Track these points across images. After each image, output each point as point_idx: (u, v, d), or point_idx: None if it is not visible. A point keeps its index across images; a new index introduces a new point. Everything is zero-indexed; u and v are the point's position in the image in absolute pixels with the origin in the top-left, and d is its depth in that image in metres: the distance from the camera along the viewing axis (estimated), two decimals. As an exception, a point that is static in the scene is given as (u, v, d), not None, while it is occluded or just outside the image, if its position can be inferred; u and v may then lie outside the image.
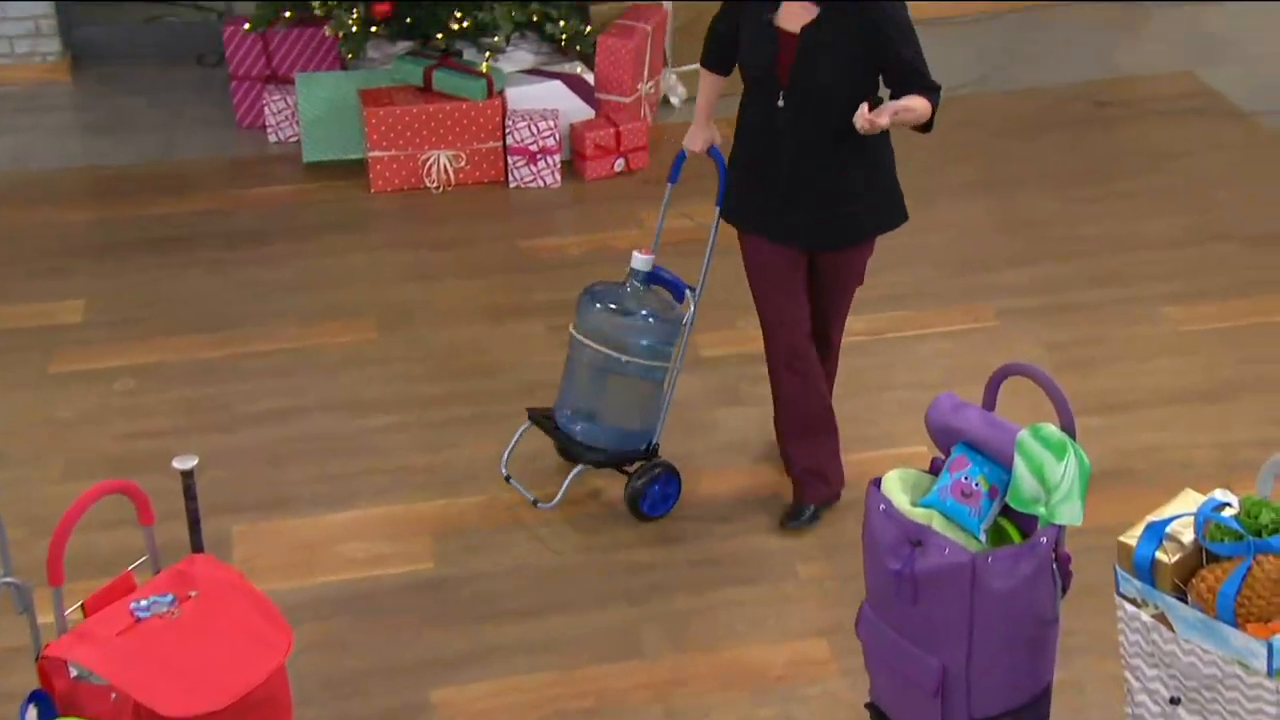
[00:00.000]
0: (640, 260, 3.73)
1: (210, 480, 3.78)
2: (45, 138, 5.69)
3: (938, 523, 2.71)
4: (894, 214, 3.59)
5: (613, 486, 3.91)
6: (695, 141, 3.67)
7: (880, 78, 3.39)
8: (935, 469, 2.84)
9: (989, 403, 2.82)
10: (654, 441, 3.79)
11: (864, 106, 3.18)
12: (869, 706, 3.00)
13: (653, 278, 3.73)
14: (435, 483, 3.95)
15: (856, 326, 4.58)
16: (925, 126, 3.36)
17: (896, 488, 2.79)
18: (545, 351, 4.48)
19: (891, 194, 3.56)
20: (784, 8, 3.34)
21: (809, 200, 3.46)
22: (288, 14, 5.41)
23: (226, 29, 5.68)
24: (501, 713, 3.25)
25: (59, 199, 5.32)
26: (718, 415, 4.20)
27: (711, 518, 3.83)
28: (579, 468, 3.78)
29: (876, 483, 2.82)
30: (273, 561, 3.68)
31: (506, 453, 3.92)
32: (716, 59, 3.60)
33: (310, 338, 4.58)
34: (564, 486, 3.78)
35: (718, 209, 3.68)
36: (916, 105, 3.29)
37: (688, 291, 3.76)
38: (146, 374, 4.39)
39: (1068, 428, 2.65)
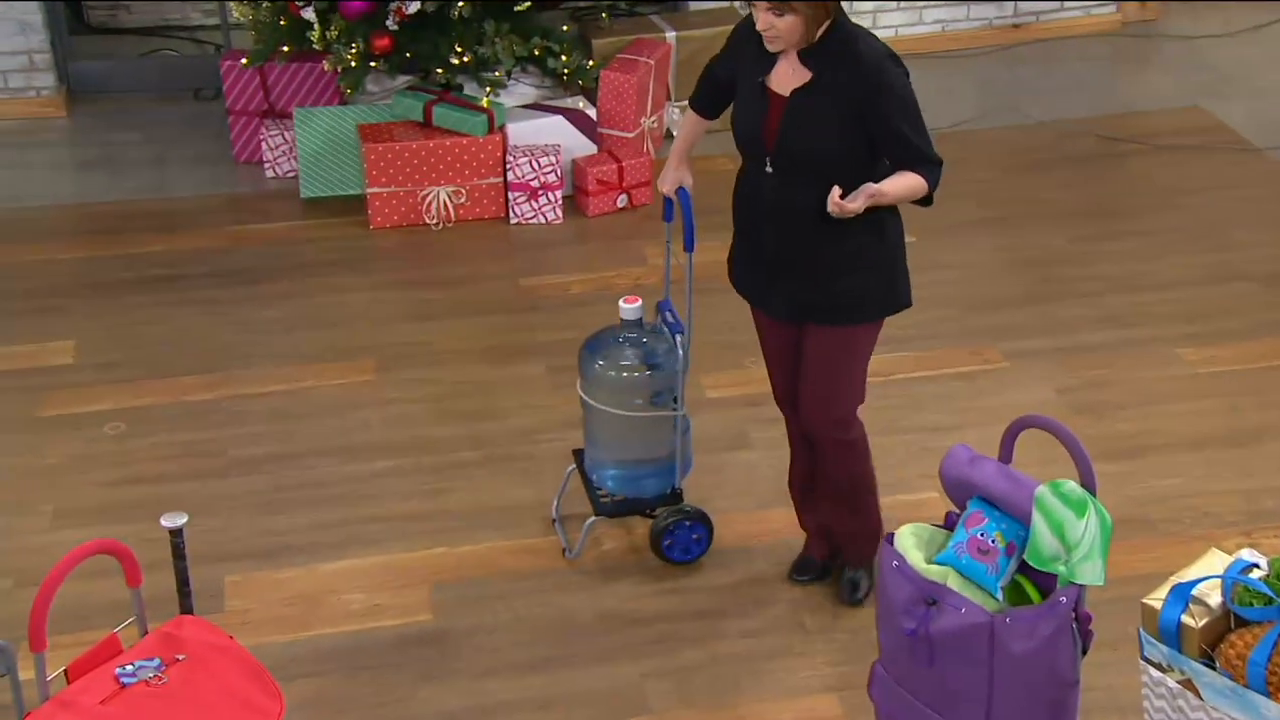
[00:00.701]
0: (628, 310, 3.65)
1: (202, 528, 3.70)
2: (38, 174, 5.63)
3: (953, 580, 2.63)
4: (893, 296, 3.31)
5: (621, 534, 3.83)
6: (664, 182, 3.52)
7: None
8: (950, 523, 2.76)
9: (1005, 455, 2.74)
10: (677, 485, 3.71)
11: (835, 190, 2.97)
12: (882, 769, 2.91)
13: (662, 315, 3.68)
14: (434, 530, 3.86)
15: (864, 368, 4.54)
16: (925, 200, 3.16)
17: (910, 544, 2.70)
18: (547, 393, 4.40)
19: (891, 273, 3.29)
20: (776, 69, 3.14)
21: (795, 271, 3.25)
22: (286, 48, 5.35)
23: (224, 63, 5.62)
24: (501, 773, 3.16)
25: (51, 237, 5.25)
26: (724, 459, 4.12)
27: (716, 565, 3.74)
28: (593, 518, 3.72)
29: (890, 538, 2.73)
30: (266, 614, 3.59)
31: (557, 498, 3.87)
32: (705, 102, 3.48)
33: (306, 379, 4.50)
34: (583, 534, 3.71)
35: (689, 253, 3.58)
36: (896, 188, 3.07)
37: (678, 337, 3.67)
38: (137, 417, 4.30)
39: (1088, 484, 2.57)
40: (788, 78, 3.12)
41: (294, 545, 3.82)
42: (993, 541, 2.61)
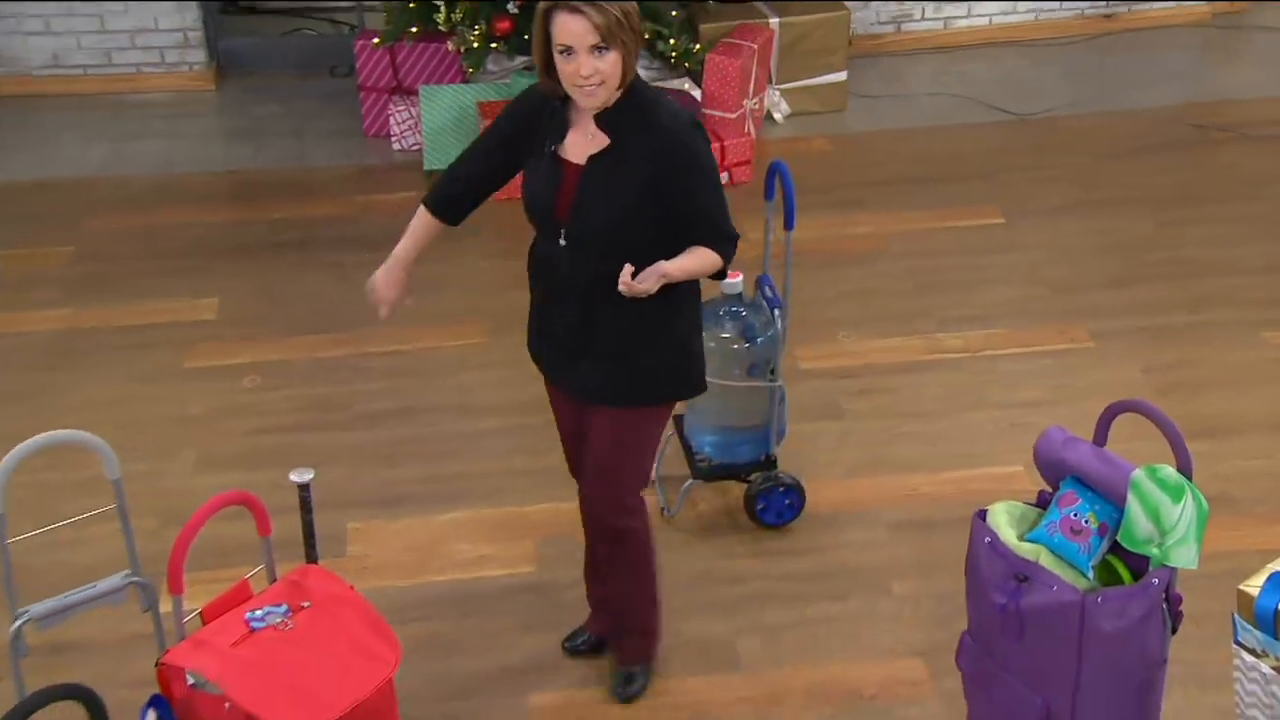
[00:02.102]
0: (729, 284, 3.52)
1: (328, 478, 3.65)
2: (190, 143, 5.63)
3: (1045, 558, 2.47)
4: (686, 379, 2.89)
5: (716, 496, 3.72)
6: (372, 290, 2.84)
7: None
8: (1042, 502, 2.60)
9: (1100, 438, 2.57)
10: (771, 453, 3.58)
11: (627, 269, 2.57)
12: (966, 735, 2.77)
13: (761, 290, 3.54)
14: (539, 487, 3.77)
15: (952, 344, 4.37)
16: (719, 274, 2.77)
17: (1003, 520, 2.55)
18: (649, 360, 4.30)
19: (688, 355, 2.87)
20: (570, 137, 2.67)
21: (588, 349, 2.80)
22: (414, 29, 5.28)
23: (357, 42, 5.56)
24: (600, 720, 3.08)
25: (200, 201, 5.25)
26: (817, 428, 3.97)
27: (806, 530, 3.62)
28: (691, 480, 3.60)
29: (982, 514, 2.58)
30: (383, 559, 3.54)
31: (656, 461, 3.74)
32: (443, 202, 2.84)
33: (424, 340, 4.44)
34: (681, 495, 3.61)
35: (788, 230, 3.41)
36: (688, 267, 2.67)
37: (776, 311, 3.54)
38: (272, 371, 4.28)
39: (1184, 468, 2.39)
40: (583, 145, 2.66)
41: (410, 496, 3.77)
42: (1086, 522, 2.46)
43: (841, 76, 5.77)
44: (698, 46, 5.31)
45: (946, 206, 5.09)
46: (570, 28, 2.49)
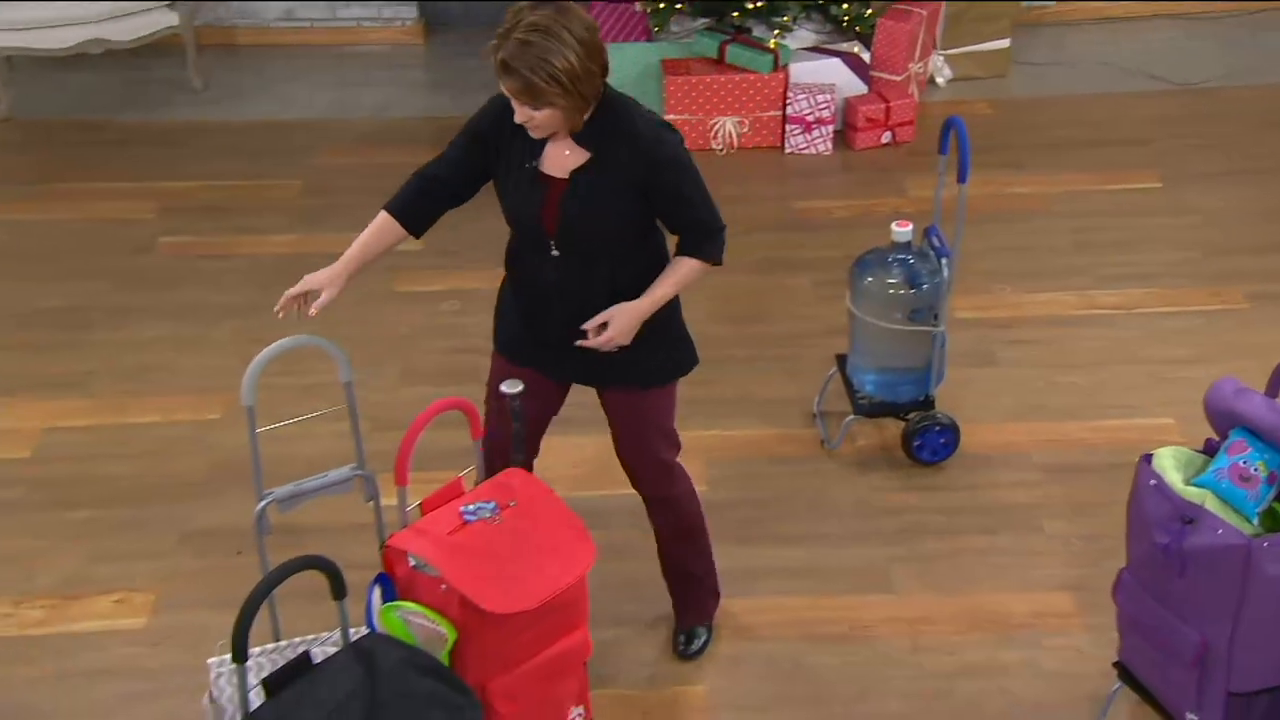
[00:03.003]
0: (899, 232, 3.43)
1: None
2: (401, 91, 5.72)
3: (1210, 503, 2.37)
4: (681, 361, 2.78)
5: (874, 432, 3.67)
6: (307, 283, 2.60)
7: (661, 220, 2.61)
8: (1209, 449, 2.48)
9: (1273, 390, 2.43)
10: (930, 393, 3.51)
11: (594, 322, 2.54)
12: (1117, 665, 2.68)
13: (929, 239, 3.45)
14: (708, 414, 3.76)
15: (1107, 300, 4.21)
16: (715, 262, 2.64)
17: (1169, 464, 2.45)
18: (811, 304, 4.23)
19: (678, 341, 2.76)
20: (548, 152, 2.52)
21: (588, 348, 2.64)
22: (603, -9, 5.27)
23: (550, 3, 5.58)
24: (763, 627, 3.07)
25: (408, 142, 5.31)
26: (970, 374, 3.87)
27: (959, 468, 3.53)
28: (852, 415, 3.55)
29: (1148, 458, 2.48)
30: (561, 472, 3.57)
31: (819, 396, 3.72)
32: (407, 209, 2.64)
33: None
34: (842, 430, 3.57)
35: (962, 184, 3.30)
36: (666, 292, 2.58)
37: (944, 260, 3.44)
38: (468, 298, 4.34)
39: (1360, 423, 2.26)
40: (563, 160, 2.51)
41: (586, 417, 3.73)
42: (1255, 470, 2.34)
43: (1005, 44, 5.56)
44: (869, 11, 5.17)
45: (1106, 170, 4.88)
46: (504, 83, 2.41)
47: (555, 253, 2.57)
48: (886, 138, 5.14)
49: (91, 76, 5.78)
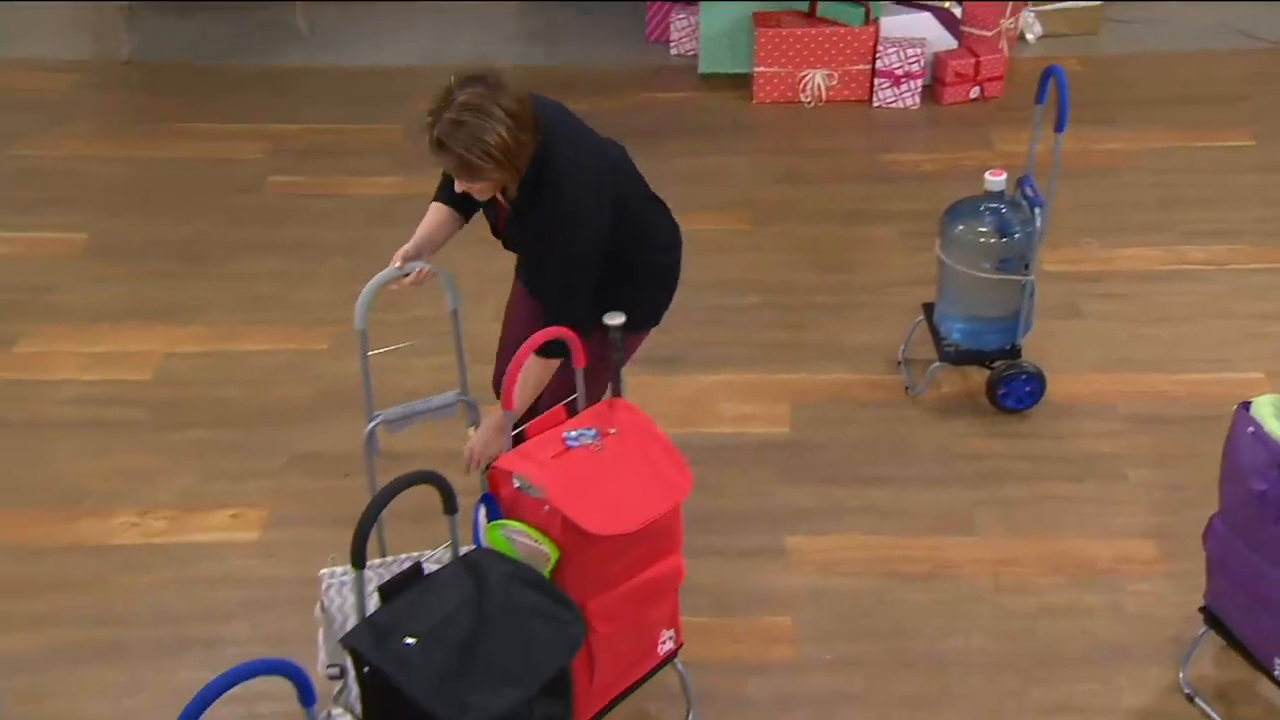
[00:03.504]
0: (992, 181, 3.33)
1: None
2: (496, 42, 5.70)
3: (1310, 452, 2.28)
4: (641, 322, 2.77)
5: (958, 380, 3.60)
6: (404, 254, 2.63)
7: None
8: (1310, 400, 2.40)
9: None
10: (1017, 342, 3.43)
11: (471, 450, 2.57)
12: (1203, 610, 2.61)
13: (1022, 189, 3.35)
14: (794, 358, 3.73)
15: (1195, 255, 4.08)
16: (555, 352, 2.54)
17: (1268, 413, 2.36)
18: (898, 254, 4.16)
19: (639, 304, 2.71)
20: None
21: None
22: (697, -55, 5.17)
23: (644, -43, 5.50)
24: (846, 563, 3.04)
25: (499, 92, 5.34)
26: (1055, 326, 3.78)
27: (1043, 417, 3.46)
28: (937, 362, 3.48)
29: (1246, 405, 2.40)
30: (656, 410, 3.54)
31: (904, 343, 3.67)
32: (451, 199, 2.71)
33: (694, 223, 4.32)
34: (928, 376, 3.51)
35: (1059, 133, 3.19)
36: (523, 401, 2.54)
37: (1037, 210, 3.34)
38: (562, 241, 4.34)
39: None
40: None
41: (679, 358, 3.77)
42: (1358, 420, 2.25)
43: (1096, 1, 5.37)
44: (961, -35, 5.02)
45: (1196, 127, 4.71)
46: (440, 160, 2.39)
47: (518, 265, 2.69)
48: (975, 93, 5.01)
49: (206, 23, 5.84)
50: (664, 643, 2.54)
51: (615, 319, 2.46)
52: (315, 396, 3.61)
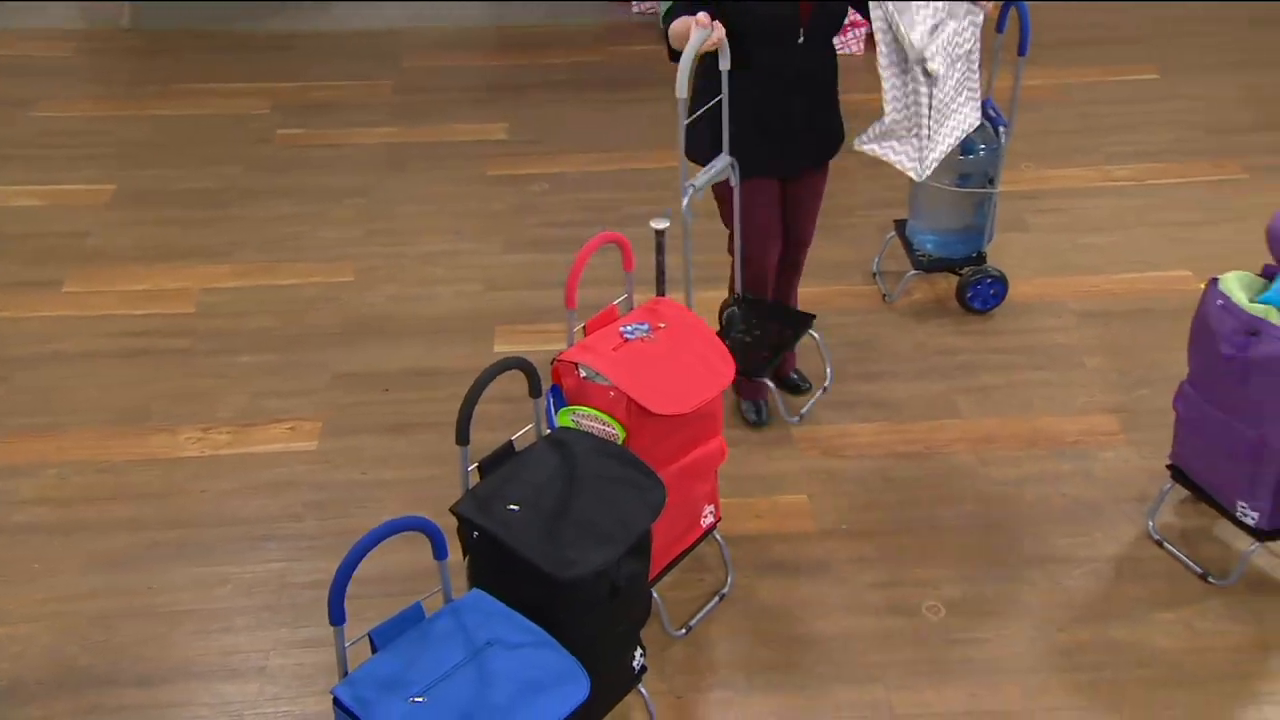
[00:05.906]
0: None
1: (606, 259, 3.67)
2: (477, 7, 5.55)
3: (1273, 316, 2.36)
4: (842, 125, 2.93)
5: (927, 288, 3.65)
6: (700, 22, 2.62)
7: None
8: (1268, 274, 2.47)
9: (1326, 220, 2.42)
10: (982, 249, 3.48)
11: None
12: (1170, 467, 2.71)
13: (984, 110, 3.38)
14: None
15: (1120, 174, 4.17)
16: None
17: (1234, 286, 2.44)
18: (861, 180, 4.17)
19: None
20: None
21: (818, 122, 2.84)
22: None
23: (605, -79, 5.38)
24: (849, 448, 3.08)
25: (479, 48, 5.21)
26: (1007, 238, 3.83)
27: (1007, 316, 3.53)
28: (912, 271, 3.52)
29: (1215, 280, 2.47)
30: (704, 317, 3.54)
31: (877, 258, 3.70)
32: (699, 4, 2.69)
33: (669, 160, 4.36)
34: (902, 284, 3.54)
35: (1021, 56, 3.22)
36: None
37: (1001, 129, 3.38)
38: (557, 181, 4.28)
39: None
40: None
41: (675, 279, 3.75)
42: (1314, 287, 2.33)
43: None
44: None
45: (1108, 64, 4.80)
46: None
47: (802, 41, 2.70)
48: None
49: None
50: (706, 516, 2.56)
51: (661, 223, 2.43)
52: (345, 323, 3.54)
